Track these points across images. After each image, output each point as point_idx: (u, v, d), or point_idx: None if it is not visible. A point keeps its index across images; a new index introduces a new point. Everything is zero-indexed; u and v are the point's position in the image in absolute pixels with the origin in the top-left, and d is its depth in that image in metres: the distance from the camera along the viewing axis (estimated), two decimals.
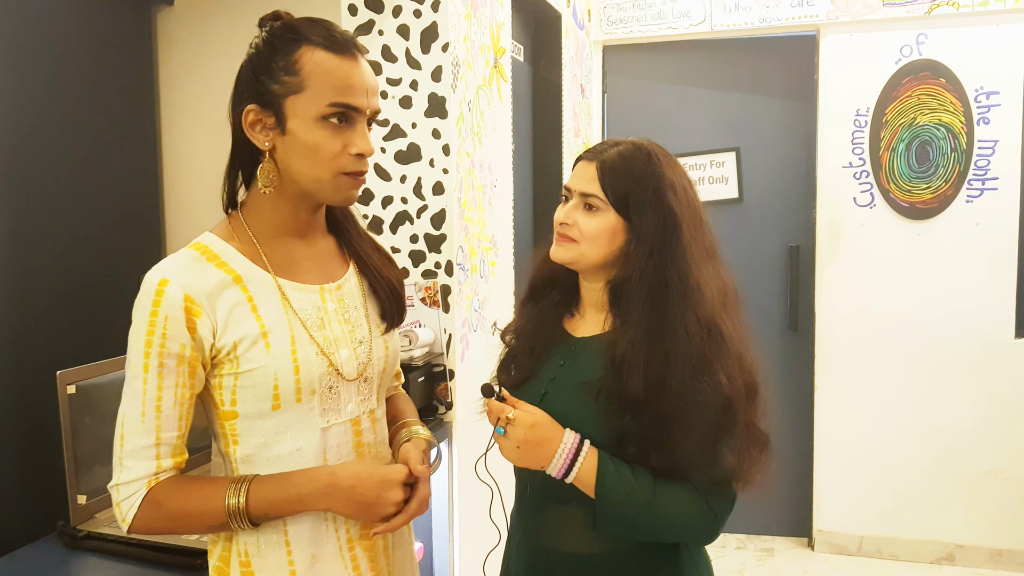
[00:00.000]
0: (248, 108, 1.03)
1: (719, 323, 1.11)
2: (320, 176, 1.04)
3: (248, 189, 1.10)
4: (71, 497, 1.42)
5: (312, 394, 1.05)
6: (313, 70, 1.01)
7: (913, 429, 3.34)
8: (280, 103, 1.02)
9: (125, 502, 1.00)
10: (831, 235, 3.38)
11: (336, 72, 1.02)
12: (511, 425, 1.11)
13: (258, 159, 1.06)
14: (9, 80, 1.70)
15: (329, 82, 1.01)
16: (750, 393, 1.12)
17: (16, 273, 1.71)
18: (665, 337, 1.09)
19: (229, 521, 1.00)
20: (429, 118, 2.00)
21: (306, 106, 1.01)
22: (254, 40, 1.06)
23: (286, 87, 1.01)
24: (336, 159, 1.03)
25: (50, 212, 1.80)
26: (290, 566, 1.05)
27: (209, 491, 1.01)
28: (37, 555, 1.37)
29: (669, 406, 1.07)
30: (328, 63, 1.02)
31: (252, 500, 1.00)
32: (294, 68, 1.01)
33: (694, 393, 1.07)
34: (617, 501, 1.09)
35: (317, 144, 1.02)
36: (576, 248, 1.17)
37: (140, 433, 0.99)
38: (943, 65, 3.20)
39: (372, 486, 1.04)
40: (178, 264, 1.02)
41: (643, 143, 1.19)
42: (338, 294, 1.12)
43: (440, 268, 2.03)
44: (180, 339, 0.98)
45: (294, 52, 1.02)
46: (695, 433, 1.08)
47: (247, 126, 1.03)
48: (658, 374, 1.08)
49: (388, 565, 1.17)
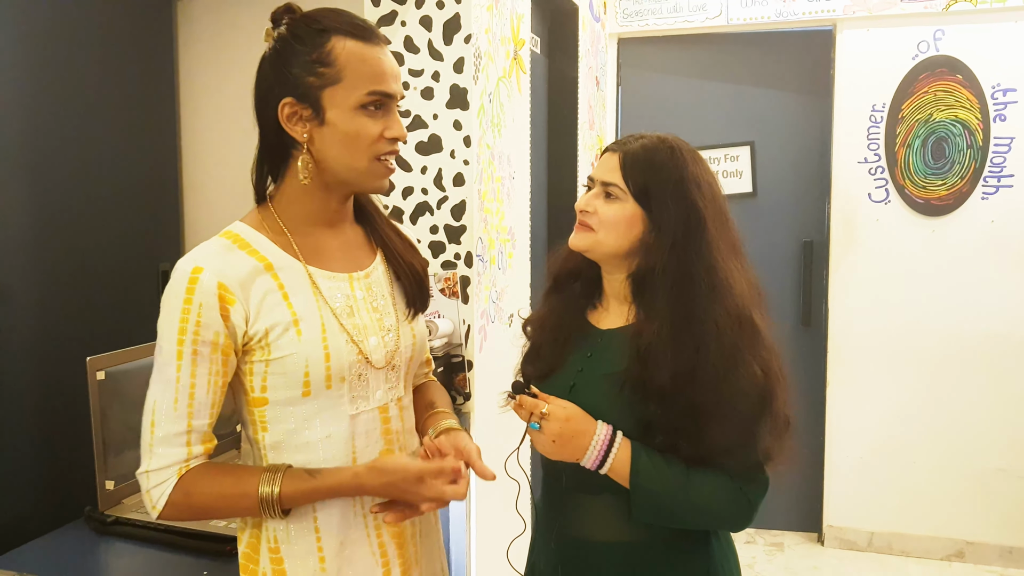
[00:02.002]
0: (284, 101, 1.03)
1: (750, 314, 1.12)
2: (357, 164, 1.05)
3: (276, 181, 1.10)
4: (99, 483, 1.44)
5: (342, 381, 1.05)
6: (348, 60, 1.02)
7: (924, 425, 3.34)
8: (317, 95, 1.02)
9: (156, 489, 1.00)
10: (845, 231, 3.37)
11: (369, 60, 1.03)
12: (545, 420, 1.11)
13: (288, 151, 1.07)
14: (31, 71, 1.70)
15: (365, 71, 1.03)
16: (781, 381, 1.12)
17: (40, 262, 1.72)
18: (694, 329, 1.10)
19: (260, 509, 1.01)
20: (450, 109, 2.00)
21: (344, 96, 1.02)
22: (274, 34, 1.06)
23: (323, 79, 1.02)
24: (374, 145, 1.05)
25: (71, 202, 1.81)
26: (319, 552, 1.06)
27: (240, 479, 1.02)
28: (66, 540, 1.38)
29: (701, 397, 1.08)
30: (361, 52, 1.03)
31: (286, 492, 1.01)
32: (328, 59, 1.02)
33: (728, 384, 1.08)
34: (652, 491, 1.10)
35: (357, 132, 1.03)
36: (593, 236, 1.18)
37: (172, 420, 1.00)
38: (960, 61, 3.18)
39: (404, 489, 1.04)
40: (211, 252, 1.02)
41: (668, 137, 1.20)
42: (366, 282, 1.12)
43: (460, 259, 2.03)
44: (214, 326, 0.99)
45: (325, 43, 1.02)
46: (728, 422, 1.08)
47: (283, 119, 1.04)
48: (687, 365, 1.08)
49: (416, 552, 1.17)
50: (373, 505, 1.06)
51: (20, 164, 1.68)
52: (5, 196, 1.65)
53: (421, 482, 1.03)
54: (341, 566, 1.07)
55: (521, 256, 2.46)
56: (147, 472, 1.00)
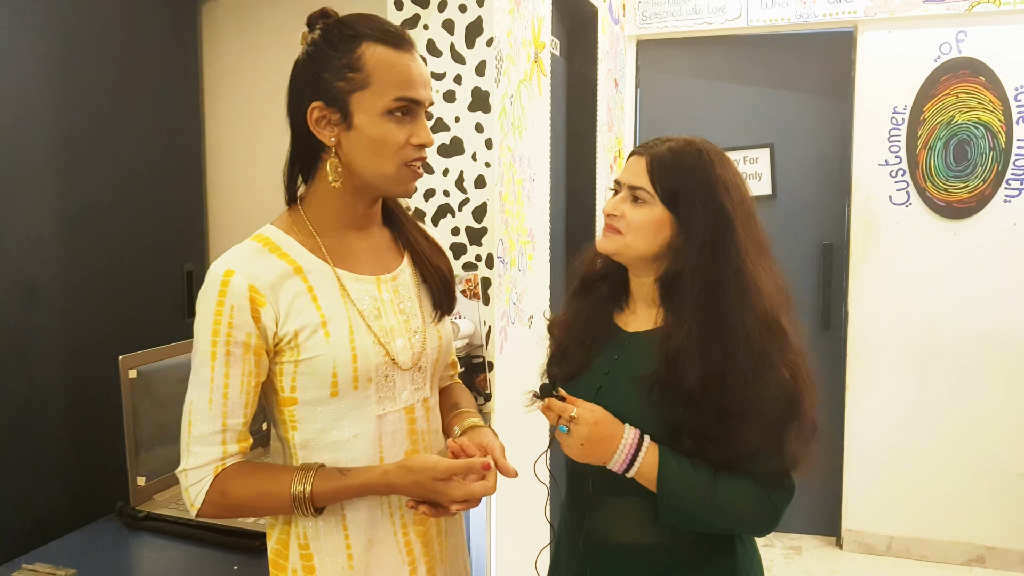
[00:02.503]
0: (313, 105, 1.05)
1: (778, 318, 1.12)
2: (384, 169, 1.07)
3: (307, 183, 1.12)
4: (131, 479, 1.46)
5: (369, 382, 1.07)
6: (377, 66, 1.04)
7: (945, 430, 3.32)
8: (346, 99, 1.04)
9: (194, 487, 1.03)
10: (865, 233, 3.36)
11: (398, 67, 1.05)
12: (574, 423, 1.12)
13: (318, 154, 1.09)
14: (58, 74, 1.73)
15: (393, 77, 1.04)
16: (808, 385, 1.13)
17: (70, 263, 1.75)
18: (723, 333, 1.10)
19: (293, 507, 1.03)
20: (472, 112, 2.02)
21: (372, 101, 1.04)
22: (308, 38, 1.08)
23: (351, 84, 1.04)
24: (401, 150, 1.06)
25: (99, 204, 1.84)
26: (347, 549, 1.08)
27: (274, 478, 1.04)
28: (99, 535, 1.41)
29: (729, 401, 1.08)
30: (390, 58, 1.05)
31: (317, 491, 1.03)
32: (358, 64, 1.04)
33: (756, 388, 1.08)
34: (679, 495, 1.11)
35: (384, 137, 1.05)
36: (621, 239, 1.19)
37: (207, 419, 1.02)
38: (982, 63, 3.16)
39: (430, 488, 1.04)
40: (242, 255, 1.05)
41: (695, 140, 1.20)
42: (393, 285, 1.14)
43: (481, 261, 2.05)
44: (246, 328, 1.01)
45: (355, 49, 1.04)
46: (756, 426, 1.09)
47: (312, 123, 1.06)
48: (716, 369, 1.09)
49: (441, 551, 1.19)
50: (409, 500, 1.08)
51: (50, 167, 1.71)
52: (36, 199, 1.68)
53: (449, 481, 1.05)
54: (369, 563, 1.09)
55: (540, 258, 2.47)
56: (185, 471, 1.03)
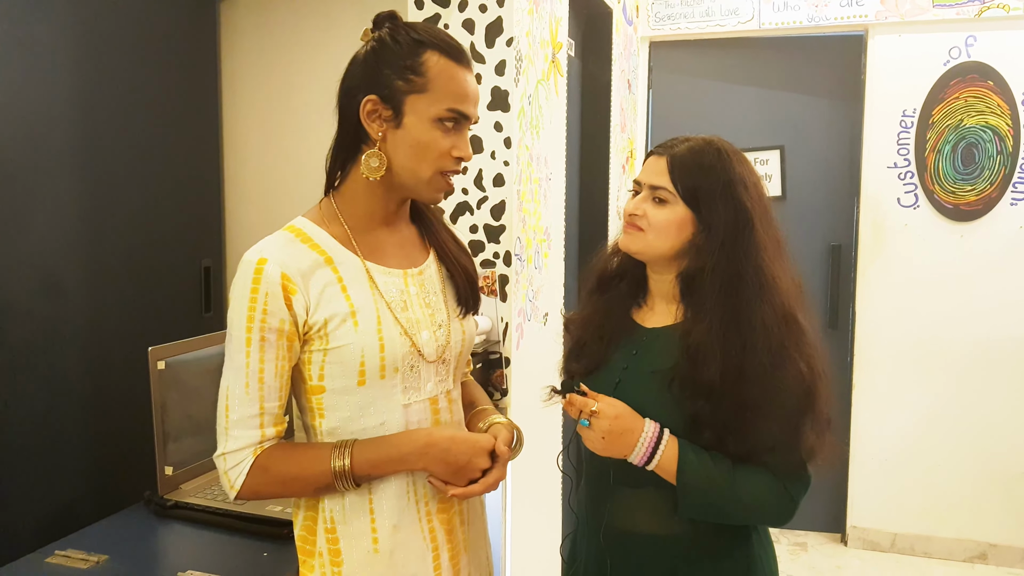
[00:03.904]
0: (368, 98, 1.08)
1: (795, 313, 1.15)
2: (421, 172, 1.10)
3: (342, 176, 1.15)
4: (159, 468, 1.49)
5: (395, 372, 1.10)
6: (439, 74, 1.08)
7: (949, 429, 3.35)
8: (401, 99, 1.08)
9: (233, 470, 1.05)
10: (874, 235, 3.38)
11: (457, 80, 1.09)
12: (595, 417, 1.15)
13: (359, 147, 1.11)
14: (80, 72, 1.75)
15: (451, 88, 1.08)
16: (823, 379, 1.16)
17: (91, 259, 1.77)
18: (742, 327, 1.13)
19: (335, 482, 1.06)
20: (492, 111, 2.04)
21: (426, 107, 1.08)
22: (373, 35, 1.11)
23: (411, 85, 1.07)
24: (441, 158, 1.10)
25: (119, 201, 1.86)
26: (373, 532, 1.10)
27: (314, 455, 1.07)
28: (128, 522, 1.43)
29: (748, 393, 1.11)
30: (451, 70, 1.09)
31: (356, 461, 1.06)
32: (421, 69, 1.07)
33: (774, 381, 1.11)
34: (698, 487, 1.14)
35: (429, 142, 1.09)
36: (644, 238, 1.21)
37: (245, 404, 1.05)
38: (991, 68, 3.18)
39: (465, 450, 1.11)
40: (275, 245, 1.08)
41: (714, 140, 1.23)
42: (419, 279, 1.17)
43: (499, 258, 2.07)
44: (280, 314, 1.04)
45: (421, 54, 1.08)
46: (774, 419, 1.12)
47: (364, 114, 1.09)
48: (735, 363, 1.12)
49: (464, 539, 1.22)
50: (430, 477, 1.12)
51: (72, 164, 1.73)
52: (59, 194, 1.70)
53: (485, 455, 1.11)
54: (394, 548, 1.11)
55: (556, 256, 2.50)
56: (224, 455, 1.06)
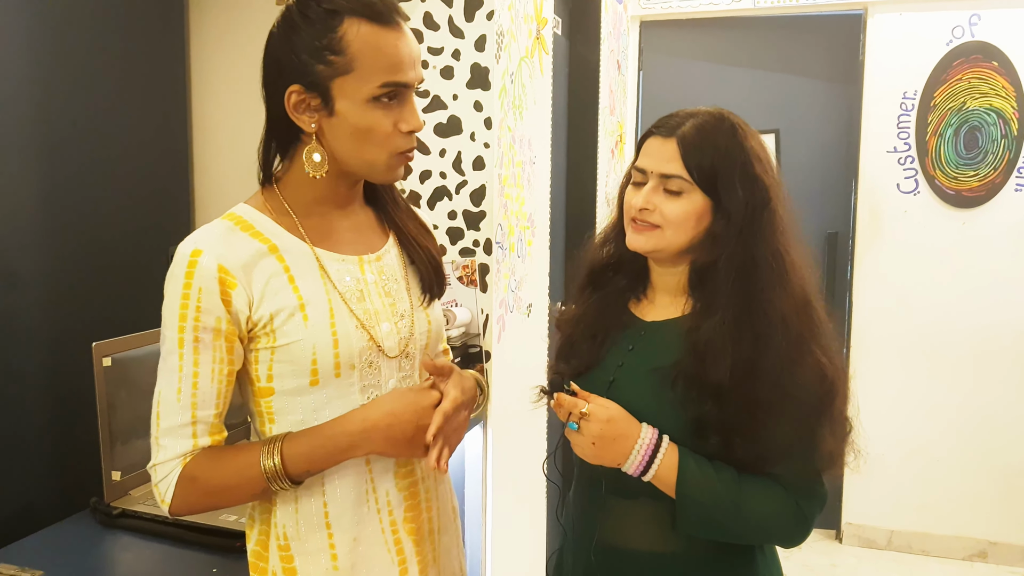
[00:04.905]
0: (291, 89, 0.97)
1: (812, 300, 1.04)
2: (371, 158, 1.00)
3: (284, 161, 1.05)
4: (105, 473, 1.39)
5: (352, 369, 1.01)
6: (361, 48, 0.95)
7: (948, 423, 3.27)
8: (327, 84, 0.96)
9: (163, 483, 0.97)
10: (872, 222, 3.30)
11: (384, 49, 0.96)
12: (585, 420, 1.03)
13: (297, 134, 1.01)
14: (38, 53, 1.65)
15: (379, 61, 0.96)
16: (842, 374, 1.05)
17: (49, 248, 1.67)
18: (755, 319, 1.01)
19: (269, 484, 0.96)
20: (471, 89, 1.93)
21: (356, 88, 0.96)
22: (284, 11, 0.99)
23: (333, 68, 0.96)
24: (389, 139, 0.99)
25: (81, 185, 1.76)
26: (331, 549, 1.01)
27: (243, 458, 0.98)
28: (70, 533, 1.34)
29: (761, 392, 1.00)
30: (375, 39, 0.96)
31: (287, 458, 0.96)
32: (339, 46, 0.95)
33: (792, 376, 1.00)
34: (700, 501, 1.02)
35: (370, 125, 0.98)
36: (660, 236, 1.07)
37: (176, 411, 0.96)
38: (996, 48, 3.09)
39: (408, 419, 1.00)
40: (211, 235, 0.98)
41: (723, 113, 1.10)
42: (378, 266, 1.07)
43: (479, 246, 1.96)
44: (215, 312, 0.95)
45: (337, 27, 0.95)
46: (789, 420, 1.00)
47: (290, 108, 0.98)
48: (747, 358, 1.00)
49: (434, 550, 1.13)
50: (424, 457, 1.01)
51: (29, 148, 1.63)
52: (14, 182, 1.60)
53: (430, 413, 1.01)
54: (355, 563, 1.02)
55: (541, 244, 2.39)
56: (154, 466, 0.98)
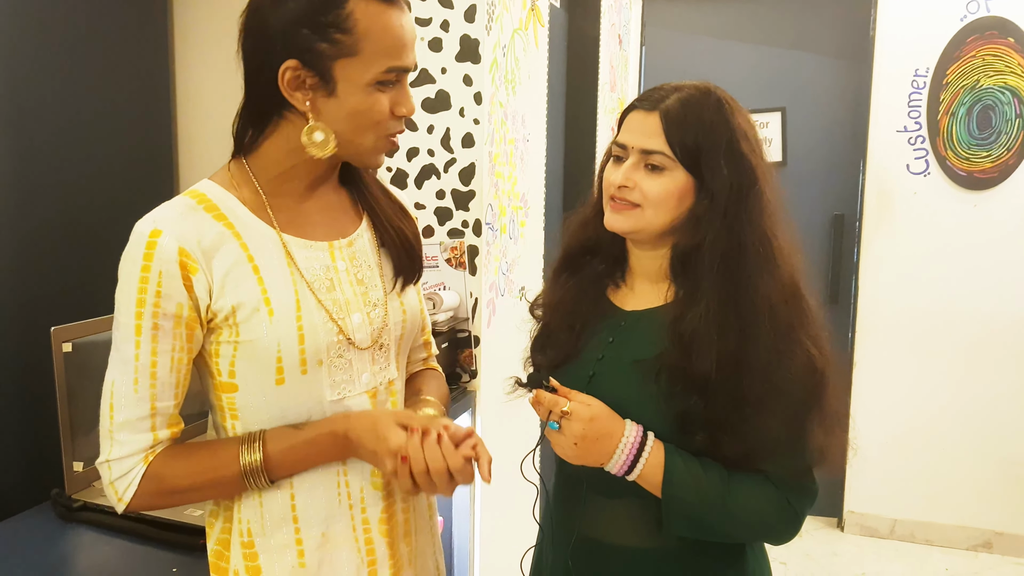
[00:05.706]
0: (286, 65, 0.89)
1: (801, 287, 0.99)
2: (362, 140, 0.94)
3: (258, 134, 0.96)
4: (66, 464, 1.32)
5: (319, 364, 0.94)
6: (369, 28, 0.89)
7: (954, 411, 3.20)
8: (328, 65, 0.89)
9: (121, 480, 0.91)
10: (880, 204, 3.20)
11: (391, 30, 0.91)
12: (567, 419, 0.97)
13: (280, 110, 0.93)
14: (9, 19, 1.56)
15: (386, 43, 0.90)
16: (831, 364, 0.99)
17: (17, 221, 1.59)
18: (741, 307, 0.96)
19: (244, 481, 0.92)
20: (460, 63, 1.84)
21: (361, 71, 0.90)
22: None
23: (338, 48, 0.88)
24: (383, 123, 0.94)
25: (54, 155, 1.67)
26: (298, 545, 0.96)
27: (218, 455, 0.93)
28: (27, 527, 1.27)
29: (749, 385, 0.94)
30: (383, 19, 0.90)
31: (270, 453, 0.92)
32: (346, 25, 0.88)
33: (781, 368, 0.94)
34: (687, 501, 0.97)
35: (369, 109, 0.92)
36: (640, 215, 1.01)
37: (133, 403, 0.90)
38: (1012, 23, 2.97)
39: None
40: (172, 213, 0.91)
41: (708, 87, 1.03)
42: (349, 251, 1.00)
43: (467, 227, 1.88)
44: (176, 297, 0.89)
45: (345, 3, 0.88)
46: (778, 413, 0.95)
47: (283, 84, 0.90)
48: (734, 349, 0.95)
49: (410, 551, 1.06)
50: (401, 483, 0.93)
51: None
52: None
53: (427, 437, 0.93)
54: (322, 560, 0.97)
55: (534, 225, 2.31)
56: (108, 462, 0.91)
